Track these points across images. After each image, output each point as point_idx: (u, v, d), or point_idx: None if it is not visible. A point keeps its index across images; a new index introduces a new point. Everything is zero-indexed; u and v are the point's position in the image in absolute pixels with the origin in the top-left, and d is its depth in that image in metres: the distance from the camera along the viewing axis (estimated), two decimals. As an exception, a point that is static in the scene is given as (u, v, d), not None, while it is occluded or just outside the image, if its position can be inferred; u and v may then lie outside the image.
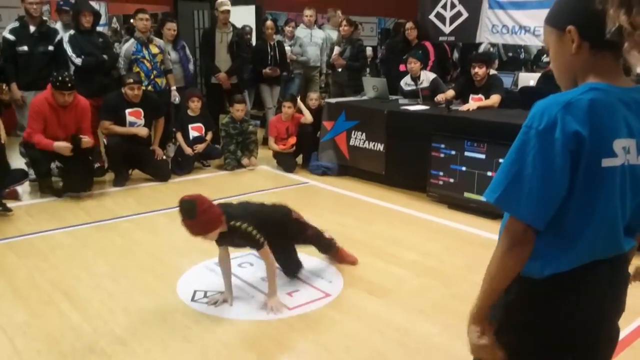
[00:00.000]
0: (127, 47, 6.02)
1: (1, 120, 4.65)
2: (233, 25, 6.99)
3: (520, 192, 1.17)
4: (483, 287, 1.26)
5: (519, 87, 6.65)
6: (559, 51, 1.26)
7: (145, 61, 5.97)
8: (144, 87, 5.87)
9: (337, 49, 7.20)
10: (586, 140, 1.13)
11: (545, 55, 7.90)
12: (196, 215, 2.77)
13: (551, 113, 1.15)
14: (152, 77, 6.01)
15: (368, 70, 8.11)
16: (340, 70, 7.15)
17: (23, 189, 5.05)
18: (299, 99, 6.35)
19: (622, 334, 2.50)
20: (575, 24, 1.20)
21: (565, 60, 1.25)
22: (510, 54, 8.37)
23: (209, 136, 6.14)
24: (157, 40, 6.15)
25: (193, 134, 6.06)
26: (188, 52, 6.69)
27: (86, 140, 4.94)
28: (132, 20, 6.37)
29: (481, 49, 7.40)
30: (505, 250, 1.22)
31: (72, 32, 5.63)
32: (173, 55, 6.36)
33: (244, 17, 8.42)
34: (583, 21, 1.19)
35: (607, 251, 1.26)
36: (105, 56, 5.72)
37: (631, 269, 1.40)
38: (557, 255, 1.22)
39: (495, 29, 6.33)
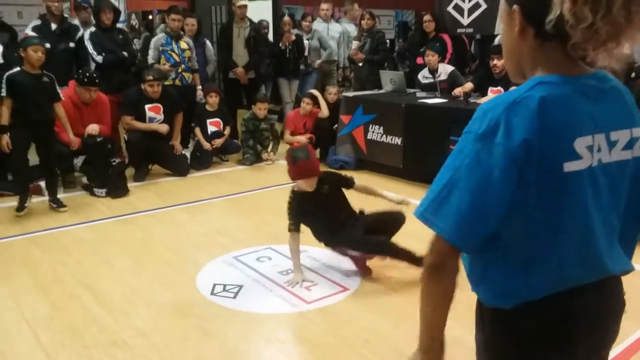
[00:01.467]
0: (157, 39, 6.11)
1: None
2: (250, 20, 7.02)
3: (446, 205, 1.00)
4: (420, 315, 1.13)
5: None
6: (505, 31, 1.09)
7: (174, 54, 6.03)
8: (171, 81, 5.95)
9: (355, 43, 7.16)
10: (536, 146, 0.95)
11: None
12: (310, 157, 3.11)
13: (494, 115, 0.98)
14: (179, 70, 6.07)
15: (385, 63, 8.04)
16: (360, 64, 7.12)
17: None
18: (316, 93, 6.34)
19: (633, 338, 2.47)
20: (520, 3, 1.02)
21: (509, 43, 1.08)
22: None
23: (227, 131, 6.17)
24: (187, 38, 6.21)
25: (211, 128, 6.10)
26: (209, 52, 6.72)
27: (92, 127, 4.95)
28: (165, 18, 6.41)
29: (496, 40, 7.30)
30: (427, 274, 1.07)
31: (92, 29, 5.70)
32: (194, 52, 6.40)
33: (261, 11, 8.44)
34: (527, 2, 1.02)
35: (586, 275, 1.06)
36: (125, 53, 5.79)
37: None
38: (520, 282, 1.04)
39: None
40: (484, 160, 0.98)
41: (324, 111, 6.13)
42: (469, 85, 5.45)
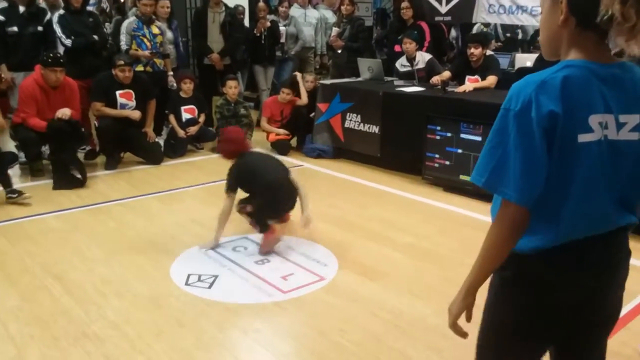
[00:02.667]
0: (128, 23, 5.94)
1: None
2: (225, 5, 6.88)
3: (506, 174, 1.19)
4: (478, 264, 1.28)
5: (516, 67, 6.60)
6: (548, 18, 1.26)
7: (146, 40, 5.89)
8: (142, 67, 5.81)
9: (335, 30, 7.09)
10: (560, 117, 1.14)
11: (541, 36, 7.83)
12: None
13: (526, 93, 1.16)
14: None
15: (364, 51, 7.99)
16: (339, 51, 7.05)
17: (13, 172, 4.98)
18: (299, 78, 6.26)
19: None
20: None
21: (551, 30, 1.26)
22: (508, 35, 8.29)
23: (201, 118, 6.07)
24: (158, 22, 6.06)
25: (186, 116, 5.99)
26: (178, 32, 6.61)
27: (62, 112, 4.77)
28: (136, 1, 6.24)
29: (474, 30, 7.32)
30: (501, 235, 1.23)
31: (61, 12, 5.53)
32: (169, 35, 6.28)
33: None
34: None
35: (596, 227, 1.25)
36: (95, 36, 5.63)
37: None
38: (540, 230, 1.23)
39: (492, 8, 6.24)
40: (526, 132, 1.16)
41: (304, 98, 6.07)
42: (446, 74, 5.44)
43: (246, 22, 7.82)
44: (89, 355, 2.38)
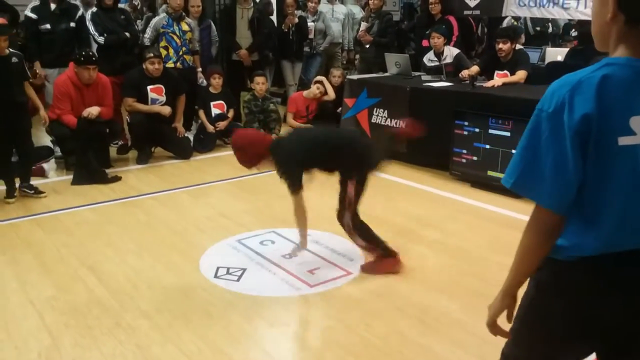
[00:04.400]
0: (158, 19, 6.03)
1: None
2: (254, 1, 6.93)
3: (536, 177, 1.16)
4: (514, 268, 1.26)
5: (546, 62, 6.48)
6: (597, 12, 1.22)
7: (175, 37, 5.97)
8: (172, 64, 5.90)
9: (363, 25, 7.08)
10: (595, 119, 1.09)
11: (573, 30, 7.66)
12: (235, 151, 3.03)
13: (560, 95, 1.12)
14: (180, 53, 6.02)
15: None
16: (367, 46, 7.03)
17: (49, 166, 5.14)
18: (325, 82, 6.27)
19: None
20: None
21: (600, 24, 1.21)
22: (538, 28, 8.13)
23: (230, 114, 6.14)
24: (188, 20, 6.14)
25: (215, 111, 6.07)
26: (213, 33, 6.64)
27: (89, 111, 4.86)
28: None
29: (504, 23, 7.21)
30: (533, 241, 1.21)
31: (94, 9, 5.65)
32: (196, 33, 6.35)
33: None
34: None
35: (635, 241, 1.18)
36: (127, 34, 5.74)
37: None
38: (580, 238, 1.18)
39: (522, 1, 6.13)
40: (558, 135, 1.12)
41: (331, 94, 6.07)
42: (475, 69, 5.39)
43: (274, 18, 7.87)
44: (122, 344, 2.46)
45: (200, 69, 6.30)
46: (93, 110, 4.89)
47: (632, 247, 1.18)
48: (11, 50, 4.24)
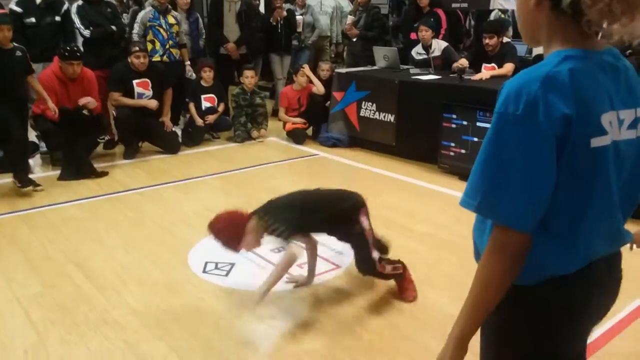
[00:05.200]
0: (144, 13, 5.97)
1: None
2: (241, -6, 6.87)
3: (504, 193, 0.98)
4: (470, 308, 1.07)
5: (534, 55, 6.50)
6: (520, 1, 1.09)
7: (162, 30, 5.91)
8: (158, 57, 5.84)
9: (350, 18, 7.06)
10: (573, 121, 0.95)
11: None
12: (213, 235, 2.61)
13: (530, 92, 0.96)
14: (167, 46, 5.96)
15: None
16: (354, 40, 7.02)
17: (34, 161, 5.08)
18: (306, 69, 6.24)
19: (623, 314, 2.50)
20: None
21: (525, 13, 1.08)
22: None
23: (221, 107, 6.11)
24: (175, 12, 6.09)
25: (205, 104, 6.03)
26: (201, 25, 6.61)
27: (84, 101, 4.82)
28: None
29: (492, 16, 7.22)
30: (502, 268, 1.03)
31: (79, 2, 5.57)
32: (184, 26, 6.29)
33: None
34: None
35: (610, 246, 1.11)
36: (113, 27, 5.67)
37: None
38: (551, 257, 1.05)
39: (510, -6, 6.16)
40: (530, 142, 0.95)
41: (319, 88, 6.05)
42: (464, 61, 5.40)
43: (262, 11, 7.82)
44: (109, 340, 2.43)
45: (188, 62, 6.25)
46: (91, 99, 4.83)
47: (605, 253, 1.11)
48: (15, 44, 4.24)
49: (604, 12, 0.94)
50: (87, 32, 5.50)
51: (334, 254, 3.28)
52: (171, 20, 5.99)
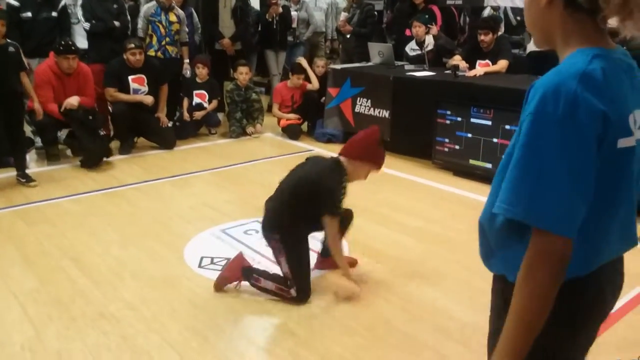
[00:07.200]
0: (147, 7, 5.94)
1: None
2: (237, -10, 6.88)
3: (549, 198, 0.93)
4: (519, 325, 0.99)
5: (527, 51, 6.53)
6: (530, 0, 1.07)
7: (161, 26, 5.88)
8: (153, 52, 5.83)
9: (344, 15, 7.08)
10: (610, 119, 0.93)
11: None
12: None
13: (569, 90, 0.91)
14: (163, 43, 5.93)
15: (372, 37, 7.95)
16: (348, 36, 7.04)
17: (30, 157, 5.07)
18: (303, 62, 6.25)
19: (626, 299, 2.54)
20: None
21: (535, 12, 1.06)
22: (519, 18, 8.18)
23: (211, 105, 6.09)
24: (179, 11, 6.05)
25: (196, 100, 6.03)
26: (196, 20, 6.58)
27: (69, 102, 4.85)
28: None
29: (485, 13, 7.24)
30: (549, 278, 0.96)
31: None
32: (184, 25, 6.25)
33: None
34: None
35: (624, 248, 1.10)
36: (116, 23, 5.65)
37: None
38: (575, 259, 0.98)
39: (504, -9, 6.18)
40: (573, 143, 0.91)
41: (315, 83, 6.07)
42: (457, 58, 5.42)
43: (257, 7, 7.81)
44: (106, 335, 2.45)
45: (187, 61, 6.21)
46: (73, 101, 4.85)
47: (619, 254, 1.11)
48: (8, 40, 4.24)
49: (620, 7, 0.93)
50: (86, 25, 5.48)
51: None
52: (172, 18, 5.94)
